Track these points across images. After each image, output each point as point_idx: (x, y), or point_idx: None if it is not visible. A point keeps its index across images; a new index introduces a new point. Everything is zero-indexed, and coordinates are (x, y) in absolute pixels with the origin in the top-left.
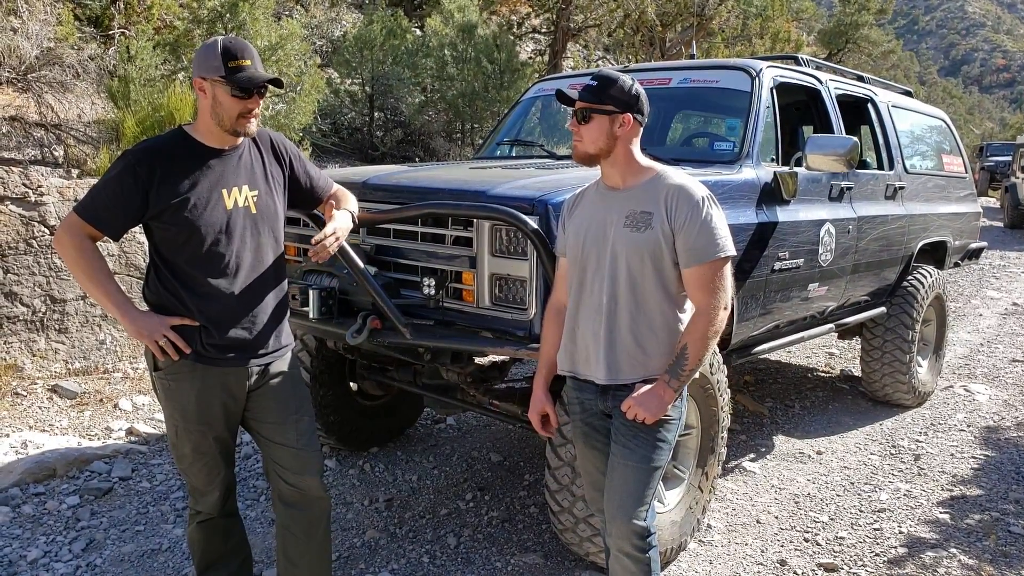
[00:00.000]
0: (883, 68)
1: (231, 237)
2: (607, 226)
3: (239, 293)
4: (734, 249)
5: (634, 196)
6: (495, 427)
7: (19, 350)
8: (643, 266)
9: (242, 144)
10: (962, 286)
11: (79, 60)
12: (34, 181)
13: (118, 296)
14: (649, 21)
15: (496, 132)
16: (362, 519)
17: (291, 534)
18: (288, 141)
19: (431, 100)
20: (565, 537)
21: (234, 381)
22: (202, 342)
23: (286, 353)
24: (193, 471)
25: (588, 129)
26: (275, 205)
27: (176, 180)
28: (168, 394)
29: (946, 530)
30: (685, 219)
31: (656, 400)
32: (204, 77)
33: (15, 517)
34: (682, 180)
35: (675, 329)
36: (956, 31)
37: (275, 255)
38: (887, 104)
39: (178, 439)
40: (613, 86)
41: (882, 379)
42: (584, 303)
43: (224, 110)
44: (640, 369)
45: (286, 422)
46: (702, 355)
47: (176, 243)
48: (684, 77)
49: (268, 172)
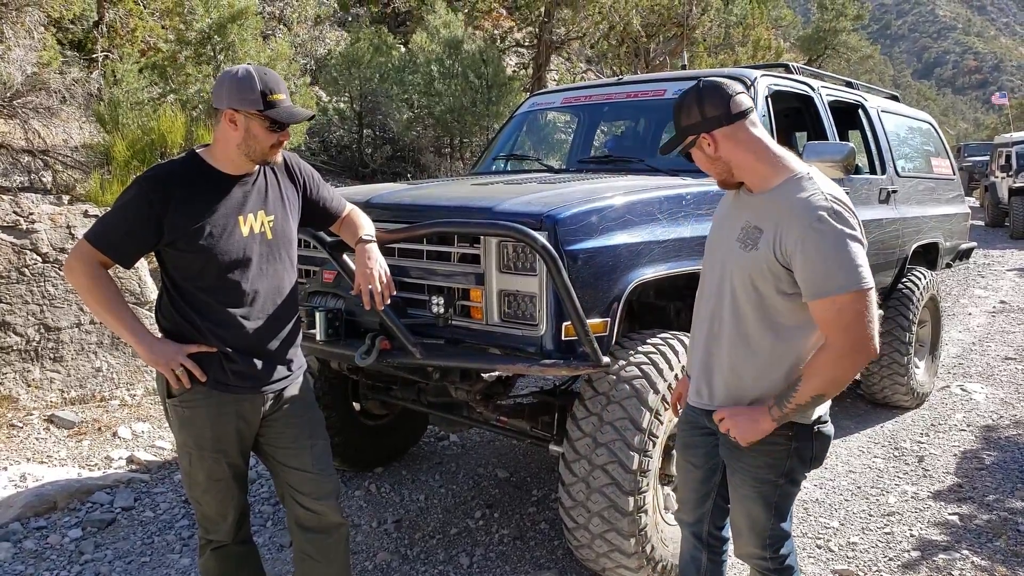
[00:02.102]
0: (860, 72)
1: (248, 264)
2: (725, 236)
3: (255, 320)
4: (869, 280)
5: (757, 205)
6: (499, 443)
7: (13, 380)
8: (746, 289)
9: (258, 168)
10: (949, 286)
11: (65, 85)
12: (24, 208)
13: (133, 323)
14: (634, 32)
15: (491, 147)
16: (372, 541)
17: (310, 559)
18: (303, 162)
19: (419, 116)
20: (581, 553)
21: (249, 408)
22: (219, 369)
23: (299, 377)
24: (207, 499)
25: (698, 162)
26: (290, 229)
27: (191, 207)
28: (182, 421)
29: (956, 532)
30: (797, 243)
31: (751, 423)
32: (237, 110)
33: (17, 553)
34: (806, 193)
35: (781, 367)
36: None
37: (290, 280)
38: (877, 109)
39: (192, 467)
40: (679, 115)
41: (881, 381)
42: (698, 315)
43: (258, 143)
44: (733, 397)
45: (301, 447)
46: (815, 394)
47: (191, 270)
48: (678, 88)
49: (284, 195)
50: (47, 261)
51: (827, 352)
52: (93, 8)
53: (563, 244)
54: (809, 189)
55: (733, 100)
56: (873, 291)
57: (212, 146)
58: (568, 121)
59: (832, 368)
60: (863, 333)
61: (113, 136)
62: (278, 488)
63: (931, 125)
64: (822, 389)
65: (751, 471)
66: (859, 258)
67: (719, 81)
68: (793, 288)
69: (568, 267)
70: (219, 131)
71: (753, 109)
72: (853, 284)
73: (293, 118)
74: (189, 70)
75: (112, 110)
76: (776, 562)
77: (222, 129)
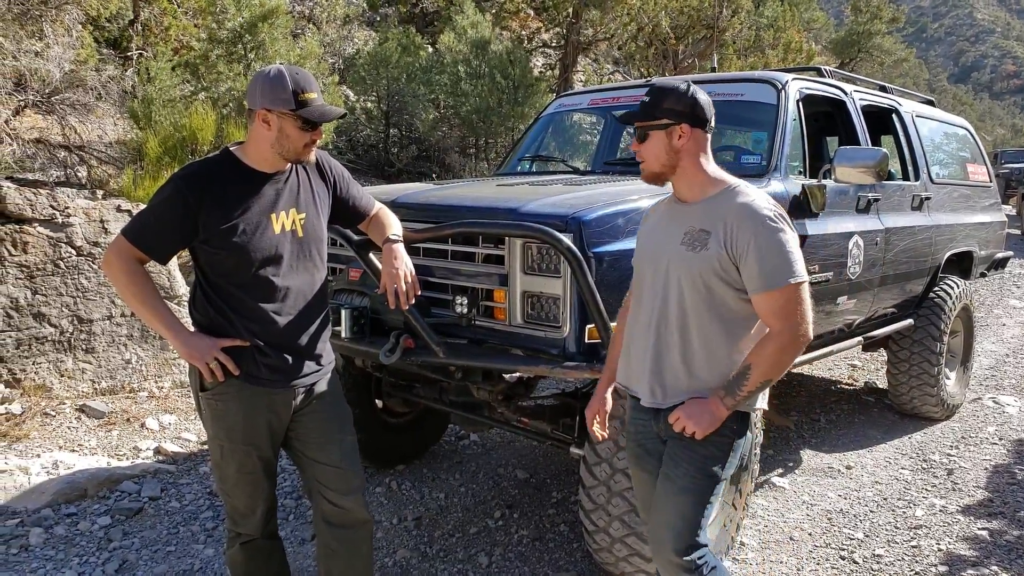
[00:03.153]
0: (894, 76)
1: (279, 261)
2: (665, 241)
3: (287, 316)
4: (805, 273)
5: (698, 212)
6: (519, 443)
7: (47, 370)
8: (695, 288)
9: (290, 166)
10: (983, 296)
11: (101, 82)
12: (60, 203)
13: (168, 317)
14: (663, 34)
15: (517, 148)
16: (392, 538)
17: (335, 554)
18: (333, 160)
19: (445, 116)
20: (600, 557)
21: (280, 401)
22: (251, 363)
23: (329, 372)
24: (237, 492)
25: (647, 148)
26: (321, 228)
27: (226, 205)
28: (215, 414)
29: (985, 547)
30: (748, 243)
31: (707, 414)
32: (270, 109)
33: (48, 538)
34: (748, 198)
35: (730, 358)
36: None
37: (320, 277)
38: (911, 114)
39: (223, 459)
40: (666, 97)
41: (910, 392)
42: (639, 319)
43: (291, 142)
44: (686, 391)
45: (331, 441)
46: (765, 379)
47: (225, 267)
48: (708, 90)
49: (315, 193)
50: (81, 254)
51: (772, 340)
52: (129, 7)
53: (588, 246)
54: (750, 195)
55: (712, 114)
56: (807, 283)
57: (246, 144)
58: (594, 123)
59: (778, 355)
60: (804, 320)
61: (146, 133)
62: (305, 483)
63: (967, 130)
64: (769, 375)
65: (698, 462)
66: (799, 255)
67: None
68: (740, 283)
69: (593, 269)
70: (253, 130)
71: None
72: (798, 276)
73: (325, 117)
74: (220, 68)
75: (145, 107)
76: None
77: (256, 129)
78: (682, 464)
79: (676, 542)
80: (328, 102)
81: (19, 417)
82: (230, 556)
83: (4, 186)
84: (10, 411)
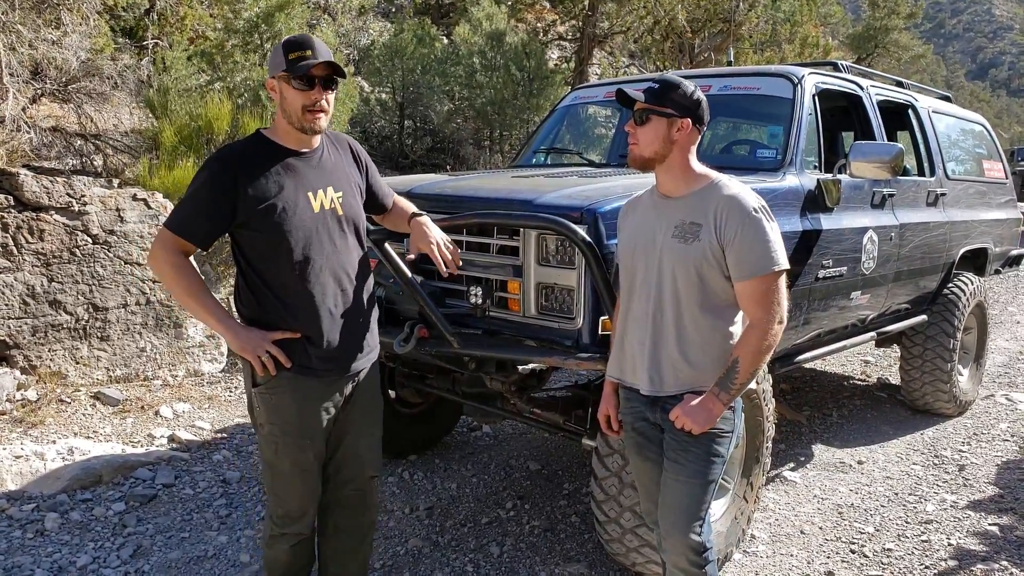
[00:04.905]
0: (911, 72)
1: (321, 241)
2: (656, 235)
3: (333, 300)
4: (787, 262)
5: (685, 206)
6: (531, 435)
7: (63, 357)
8: (689, 278)
9: (320, 145)
10: (997, 293)
11: (117, 71)
12: (77, 191)
13: (219, 311)
14: (679, 27)
15: (532, 140)
16: (404, 527)
17: (345, 534)
18: (363, 148)
19: (460, 108)
20: (612, 548)
21: (334, 391)
22: (303, 354)
23: (376, 354)
24: (290, 490)
25: (644, 131)
26: (359, 206)
27: (261, 185)
28: (269, 409)
29: (996, 543)
30: (735, 232)
31: (704, 412)
32: (273, 76)
33: (64, 523)
34: (734, 191)
35: (723, 343)
36: (983, 34)
37: (362, 257)
38: (928, 110)
39: (277, 456)
40: (675, 90)
41: (922, 388)
42: (632, 312)
43: (290, 105)
44: (685, 381)
45: (366, 433)
46: (754, 369)
47: (268, 251)
48: (724, 84)
49: (349, 174)
50: (97, 242)
51: (755, 329)
52: None
53: (604, 238)
54: (735, 188)
55: (708, 114)
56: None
57: (274, 122)
58: (608, 116)
59: (761, 342)
60: (782, 307)
61: (162, 122)
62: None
63: (983, 127)
64: (758, 362)
65: (706, 444)
66: (781, 244)
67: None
68: (728, 271)
69: (608, 262)
70: (276, 105)
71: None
72: (780, 264)
73: (307, 66)
74: (236, 58)
75: (161, 96)
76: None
77: (276, 102)
78: (690, 449)
79: (688, 523)
80: (343, 93)
81: (35, 404)
82: (272, 557)
83: (21, 174)
84: (26, 397)
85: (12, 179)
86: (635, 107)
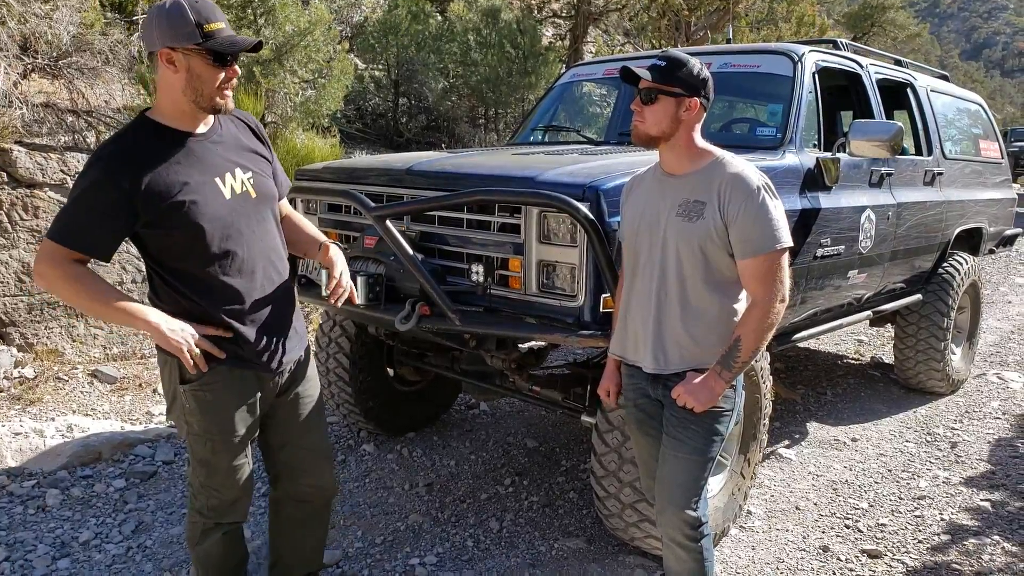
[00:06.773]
0: (906, 51)
1: (240, 230)
2: (660, 213)
3: (261, 289)
4: (791, 240)
5: (689, 183)
6: (529, 412)
7: (60, 335)
8: (694, 256)
9: (215, 123)
10: (989, 273)
11: (108, 46)
12: (71, 167)
13: (136, 306)
14: (675, 5)
15: (530, 118)
16: (404, 503)
17: (300, 526)
18: (259, 122)
19: (455, 85)
20: (611, 523)
21: (268, 382)
22: (236, 344)
23: (306, 340)
24: (228, 484)
25: (652, 110)
26: (271, 185)
27: (163, 179)
28: (204, 407)
29: (987, 517)
30: (739, 210)
31: (707, 391)
32: (174, 48)
33: (65, 499)
34: (738, 169)
35: (727, 320)
36: (978, 14)
37: (281, 239)
38: (926, 89)
39: (215, 455)
40: (682, 68)
41: (916, 366)
42: (636, 290)
43: (203, 83)
44: (689, 359)
45: (314, 427)
46: (756, 348)
47: (181, 249)
48: (724, 62)
49: (251, 147)
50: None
51: (757, 307)
52: None
53: (606, 215)
54: (739, 166)
55: (713, 91)
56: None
57: (157, 100)
58: (605, 94)
59: (763, 320)
60: (784, 285)
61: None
62: (272, 467)
63: (980, 106)
64: (760, 340)
65: (707, 422)
66: (785, 222)
67: None
68: (731, 249)
69: (610, 239)
70: (160, 79)
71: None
72: (783, 242)
73: (236, 46)
74: None
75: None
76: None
77: (162, 75)
78: (691, 426)
79: (686, 498)
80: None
81: (32, 381)
82: (205, 552)
83: (15, 150)
84: (23, 375)
85: (6, 156)
86: (641, 85)
